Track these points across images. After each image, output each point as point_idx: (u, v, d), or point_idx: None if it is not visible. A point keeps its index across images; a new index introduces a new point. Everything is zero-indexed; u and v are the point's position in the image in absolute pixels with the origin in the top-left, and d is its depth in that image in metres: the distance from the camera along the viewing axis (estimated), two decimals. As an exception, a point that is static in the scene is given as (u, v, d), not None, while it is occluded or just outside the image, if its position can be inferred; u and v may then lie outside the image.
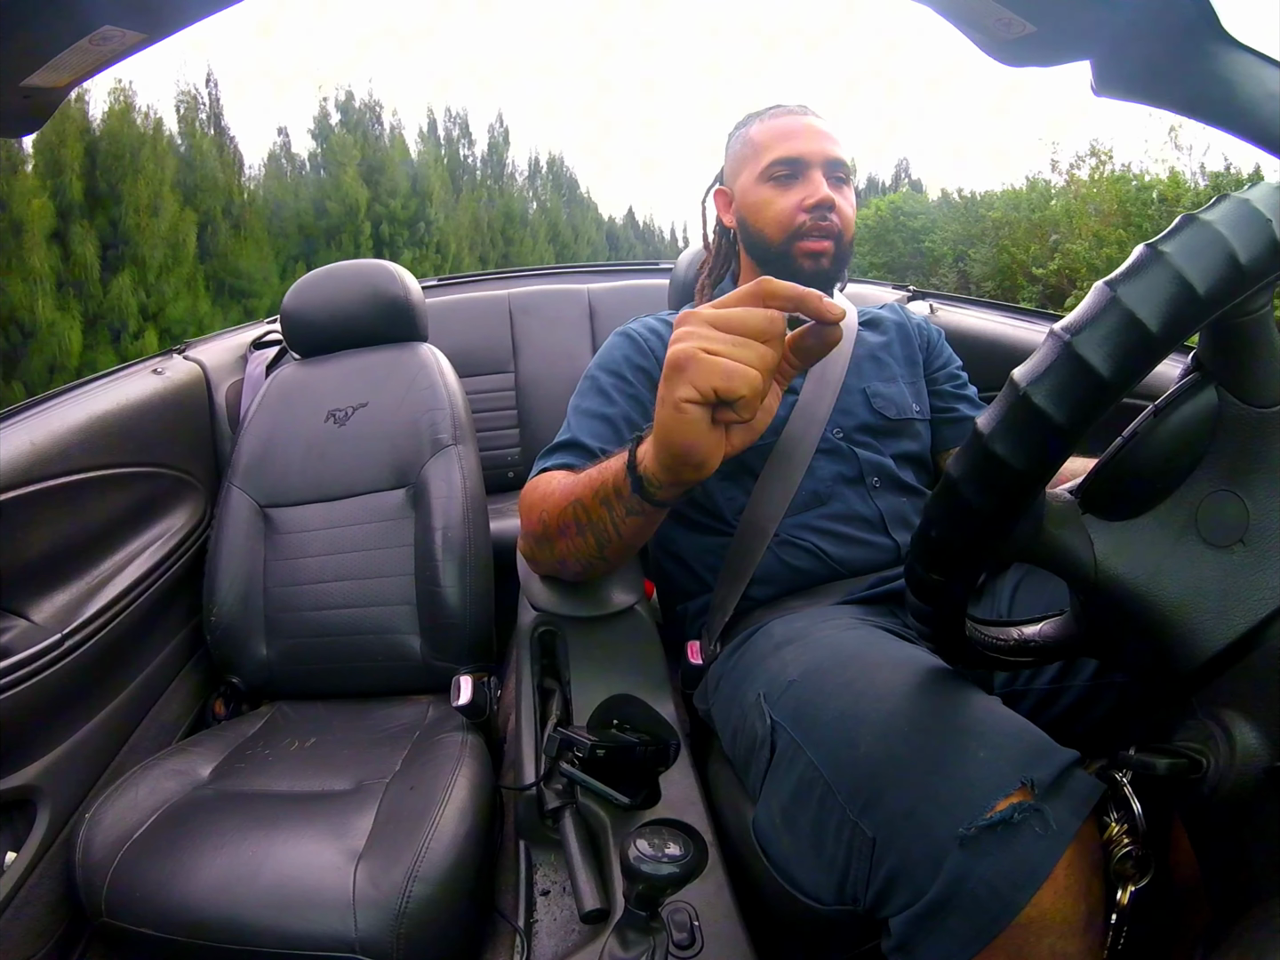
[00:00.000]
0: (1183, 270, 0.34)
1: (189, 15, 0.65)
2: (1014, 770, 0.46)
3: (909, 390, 0.94)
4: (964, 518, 0.39)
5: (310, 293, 1.34)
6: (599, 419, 0.84)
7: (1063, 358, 0.34)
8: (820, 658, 0.66)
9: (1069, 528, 0.42)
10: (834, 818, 0.53)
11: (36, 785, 0.88)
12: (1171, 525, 0.41)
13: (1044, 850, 0.44)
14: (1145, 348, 0.34)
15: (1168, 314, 0.34)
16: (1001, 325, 1.36)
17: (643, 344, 0.90)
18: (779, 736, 0.63)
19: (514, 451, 1.88)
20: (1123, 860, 0.46)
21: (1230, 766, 0.38)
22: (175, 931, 0.74)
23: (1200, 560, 0.41)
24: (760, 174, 0.89)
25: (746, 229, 0.93)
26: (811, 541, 0.84)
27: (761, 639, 0.77)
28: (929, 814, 0.47)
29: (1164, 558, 0.41)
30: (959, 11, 0.68)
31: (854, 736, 0.55)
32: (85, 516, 1.04)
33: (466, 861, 0.78)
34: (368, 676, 1.14)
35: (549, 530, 0.73)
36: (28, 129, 0.72)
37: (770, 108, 0.94)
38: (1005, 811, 0.44)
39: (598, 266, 2.24)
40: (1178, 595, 0.40)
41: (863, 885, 0.50)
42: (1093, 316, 0.34)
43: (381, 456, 1.21)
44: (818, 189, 0.86)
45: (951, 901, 0.44)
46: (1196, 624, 0.40)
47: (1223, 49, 0.59)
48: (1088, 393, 0.34)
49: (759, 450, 0.86)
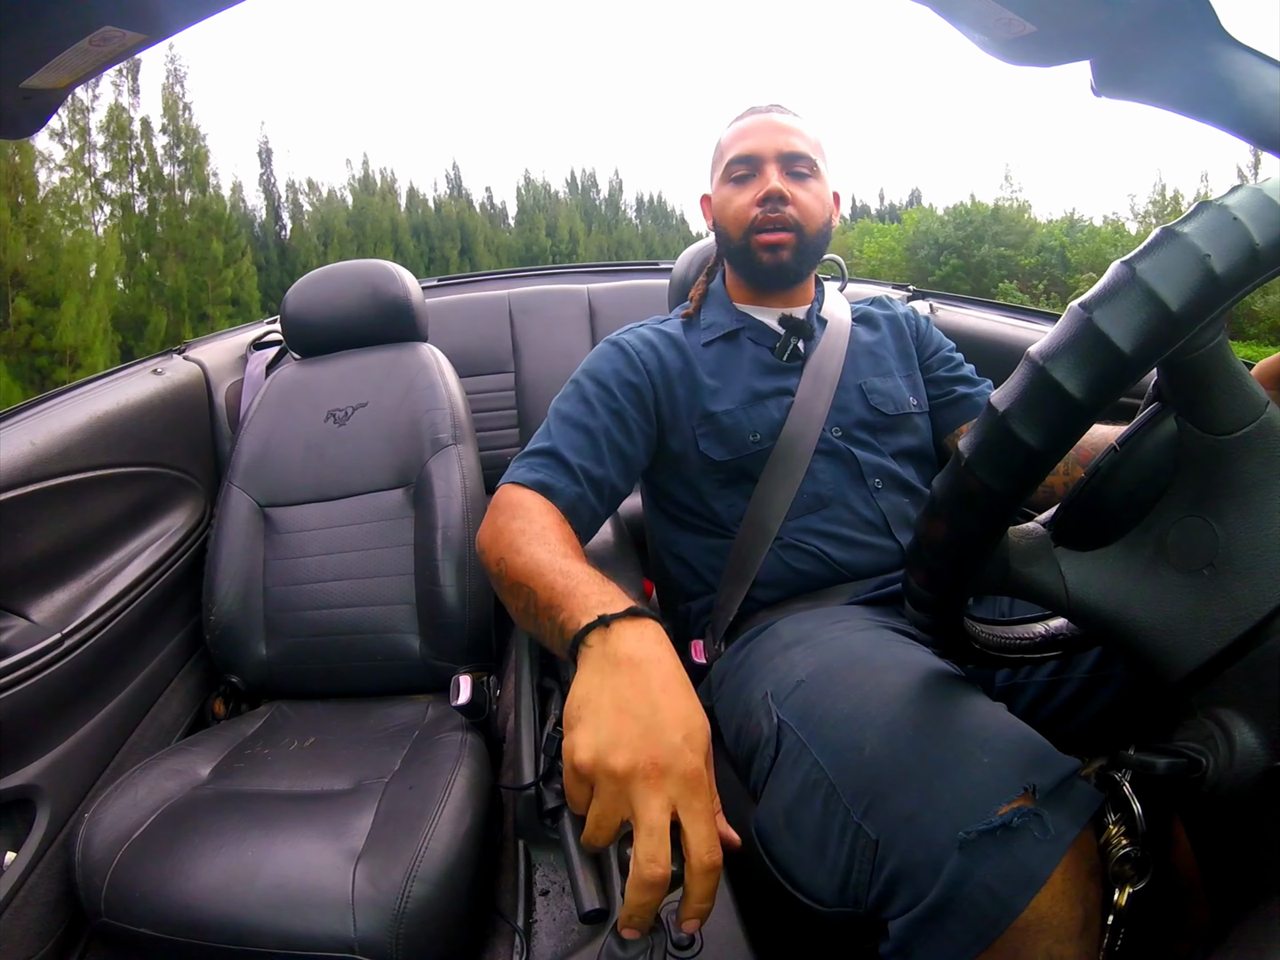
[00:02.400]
0: (1203, 250, 0.34)
1: (189, 15, 0.65)
2: (1016, 776, 0.47)
3: (905, 384, 0.94)
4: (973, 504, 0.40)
5: (310, 293, 1.34)
6: (579, 429, 0.82)
7: (1084, 331, 0.35)
8: (828, 659, 0.66)
9: (1040, 562, 0.44)
10: (838, 819, 0.53)
11: (36, 785, 0.88)
12: (1141, 553, 0.43)
13: (1043, 855, 0.44)
14: (1167, 322, 0.34)
15: (1188, 294, 0.34)
16: (1001, 325, 1.36)
17: (634, 358, 0.89)
18: (785, 736, 0.63)
19: (514, 451, 1.87)
20: (1121, 862, 0.46)
21: (1229, 766, 0.38)
22: (174, 931, 0.74)
23: (1170, 586, 0.41)
24: (722, 175, 0.92)
25: (717, 229, 0.95)
26: (814, 545, 0.84)
27: (769, 639, 0.77)
28: (931, 818, 0.47)
29: (1135, 585, 0.42)
30: (959, 11, 0.68)
31: (859, 739, 0.55)
32: (85, 516, 1.04)
33: (466, 861, 0.78)
34: (367, 676, 1.14)
35: (501, 578, 0.67)
36: (28, 130, 0.72)
37: (743, 112, 0.95)
38: (1005, 816, 0.45)
39: (598, 266, 2.24)
40: (1149, 620, 0.41)
41: (864, 887, 0.50)
42: (1112, 292, 0.35)
43: (381, 456, 1.21)
44: (767, 182, 0.87)
45: (951, 905, 0.45)
46: (1168, 646, 0.41)
47: (1223, 49, 0.59)
48: (1110, 367, 0.35)
49: (757, 455, 0.86)
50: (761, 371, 0.89)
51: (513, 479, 0.78)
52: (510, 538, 0.68)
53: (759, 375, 0.89)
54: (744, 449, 0.86)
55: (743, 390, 0.88)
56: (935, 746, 0.51)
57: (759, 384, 0.88)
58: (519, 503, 0.74)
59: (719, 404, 0.87)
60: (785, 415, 0.86)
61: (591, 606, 0.53)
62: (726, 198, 0.91)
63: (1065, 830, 0.45)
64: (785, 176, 0.88)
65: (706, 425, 0.87)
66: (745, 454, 0.86)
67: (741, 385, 0.88)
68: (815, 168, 0.90)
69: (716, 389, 0.88)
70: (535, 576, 0.61)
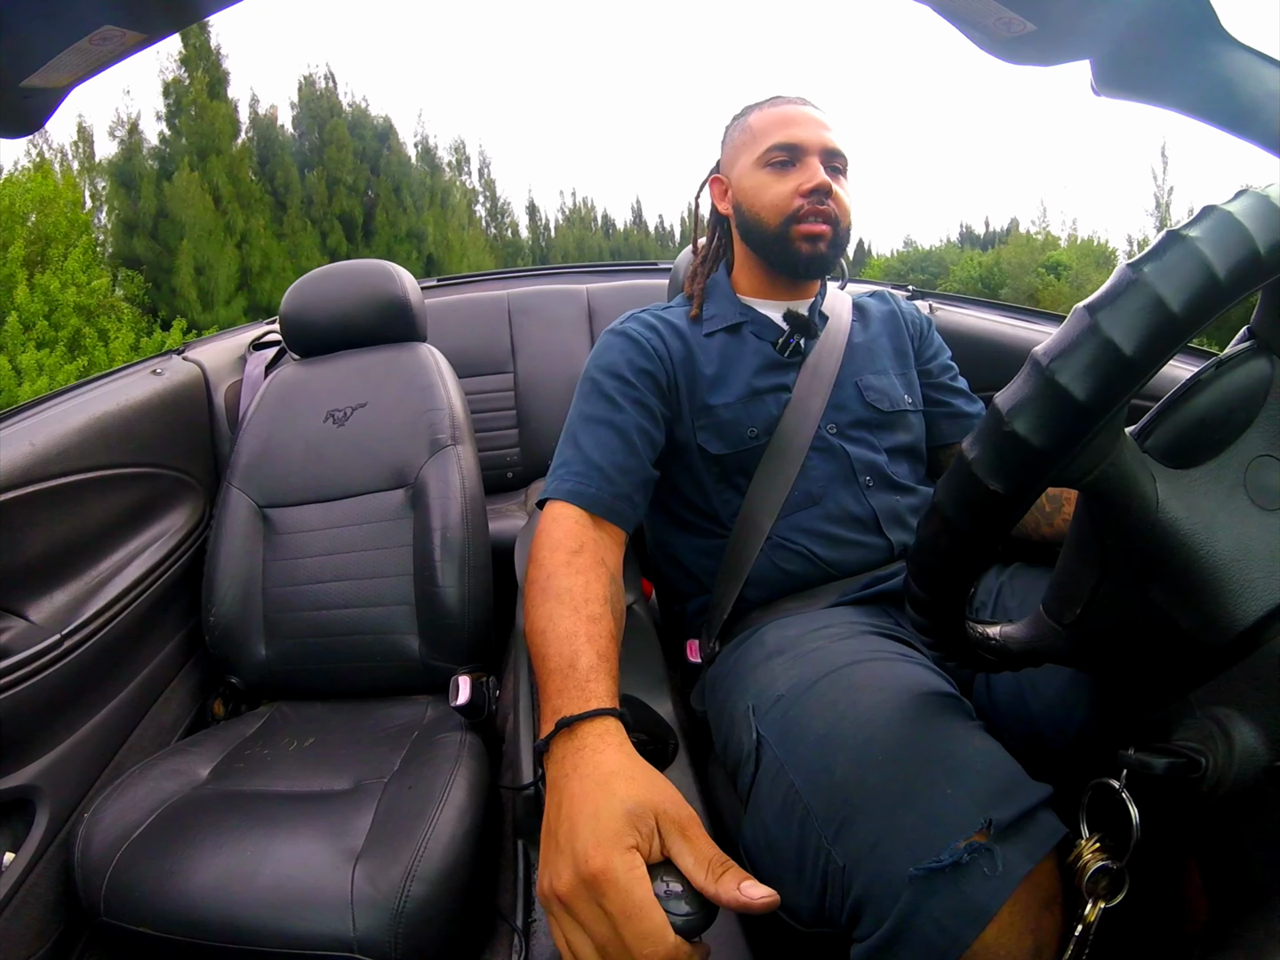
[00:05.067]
0: (1206, 255, 0.34)
1: (189, 15, 0.65)
2: (977, 810, 0.47)
3: (900, 381, 0.94)
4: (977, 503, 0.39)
5: (309, 293, 1.34)
6: (608, 427, 0.81)
7: (1087, 332, 0.35)
8: (808, 673, 0.66)
9: (1137, 462, 0.40)
10: (812, 841, 0.54)
11: (35, 785, 0.88)
12: (1223, 481, 0.41)
13: (990, 891, 0.45)
14: (1170, 324, 0.34)
15: (1189, 296, 0.34)
16: (1001, 325, 1.36)
17: (644, 344, 0.88)
18: (764, 752, 0.64)
19: (513, 452, 1.88)
20: (1096, 877, 0.45)
21: (1229, 766, 0.38)
22: (174, 931, 0.74)
23: (1250, 519, 0.40)
24: (758, 159, 0.89)
25: (742, 214, 0.92)
26: (803, 544, 0.84)
27: (755, 646, 0.77)
28: (891, 848, 0.48)
29: (1218, 510, 0.40)
30: (959, 10, 0.68)
31: (831, 761, 0.56)
32: (85, 517, 1.04)
33: (465, 861, 0.78)
34: (366, 676, 1.13)
35: (529, 619, 0.66)
36: (28, 129, 0.72)
37: (770, 98, 0.94)
38: (958, 853, 0.45)
39: (597, 266, 2.24)
40: (1230, 550, 0.39)
41: (838, 910, 0.51)
42: (1116, 294, 0.35)
43: (380, 457, 1.21)
44: (815, 174, 0.86)
45: (902, 936, 0.46)
46: (1247, 581, 0.39)
47: (1223, 49, 0.59)
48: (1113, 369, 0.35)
49: (752, 451, 0.86)
50: (761, 366, 0.89)
51: (548, 493, 0.78)
52: (540, 588, 0.66)
53: (759, 370, 0.89)
54: (741, 444, 0.86)
55: (742, 385, 0.87)
56: (902, 772, 0.52)
57: (758, 379, 0.88)
58: (548, 531, 0.72)
59: (718, 397, 0.87)
60: (782, 410, 0.86)
61: (547, 712, 0.54)
62: (763, 183, 0.88)
63: (1017, 866, 0.45)
64: (827, 171, 0.87)
65: (705, 418, 0.87)
66: (742, 449, 0.86)
67: (741, 379, 0.88)
68: (847, 167, 0.90)
69: (716, 382, 0.87)
70: (549, 635, 0.61)
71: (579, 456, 0.79)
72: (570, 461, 0.79)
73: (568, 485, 0.77)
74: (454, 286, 2.12)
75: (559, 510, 0.75)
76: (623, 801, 0.44)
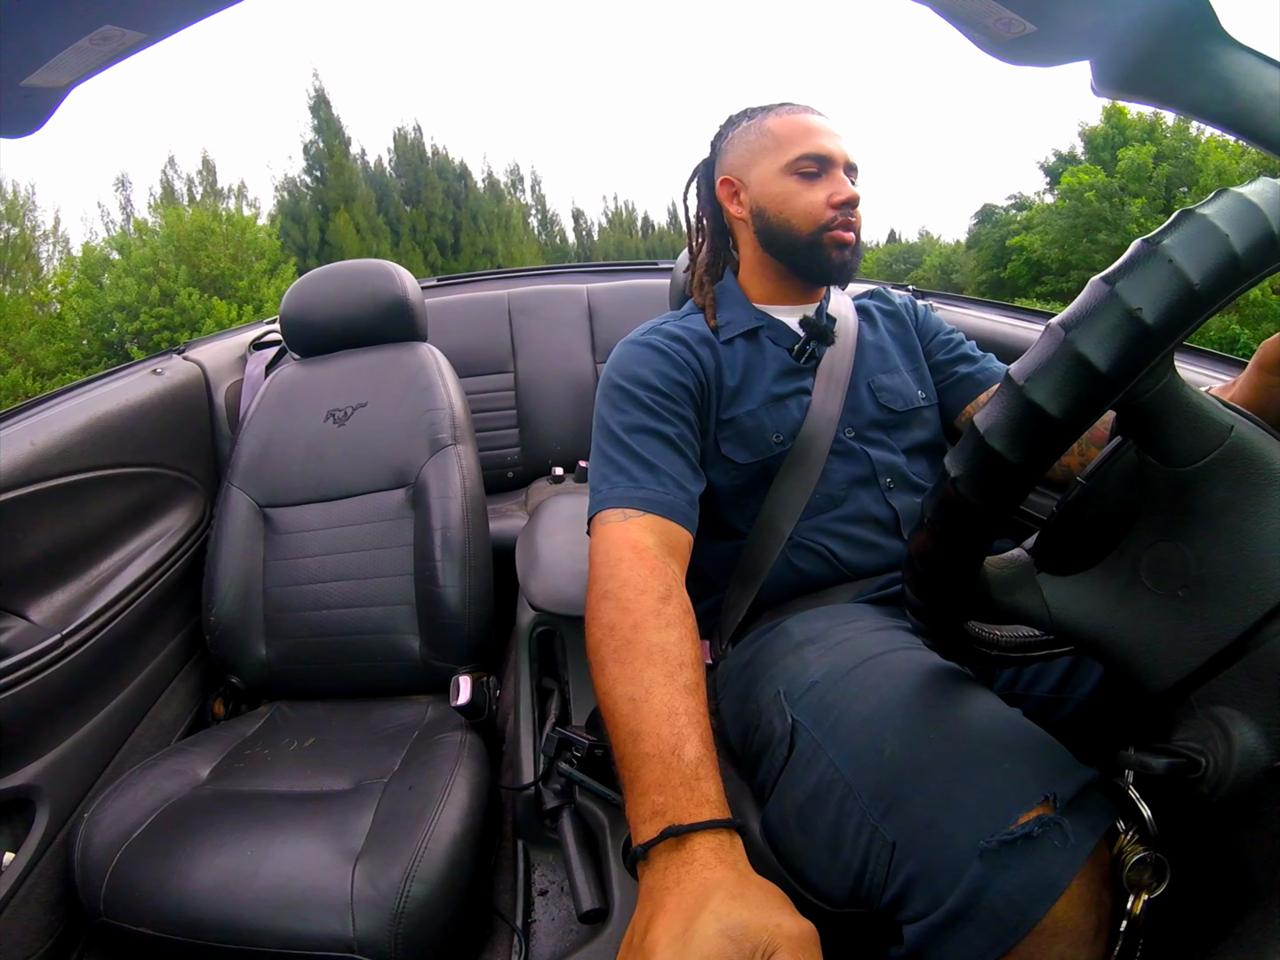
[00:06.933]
0: (1180, 264, 0.34)
1: (189, 15, 0.65)
2: (1038, 784, 0.47)
3: (912, 378, 0.94)
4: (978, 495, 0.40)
5: (309, 293, 1.34)
6: (656, 437, 0.77)
7: (1061, 353, 0.36)
8: (842, 660, 0.66)
9: (1023, 589, 0.45)
10: (853, 820, 0.53)
11: (36, 785, 0.88)
12: (1119, 577, 0.43)
13: (1062, 864, 0.44)
14: (1145, 336, 0.35)
15: (1165, 307, 0.34)
16: (1001, 324, 1.36)
17: (675, 356, 0.85)
18: (799, 736, 0.63)
19: (513, 451, 1.88)
20: (1137, 868, 0.45)
21: (1229, 766, 0.38)
22: (174, 931, 0.74)
23: (1147, 607, 0.42)
24: (785, 166, 0.88)
25: (766, 220, 0.91)
26: (822, 544, 0.83)
27: (779, 638, 0.77)
28: (951, 823, 0.48)
29: (1114, 607, 0.43)
30: (959, 11, 0.68)
31: (879, 741, 0.55)
32: (85, 516, 1.04)
33: (465, 861, 0.78)
34: (367, 676, 1.14)
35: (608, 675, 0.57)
36: (28, 129, 0.72)
37: (781, 103, 0.94)
38: (1027, 825, 0.45)
39: (597, 266, 2.24)
40: (1129, 640, 0.42)
41: (879, 889, 0.51)
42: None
43: (381, 456, 1.21)
44: (844, 186, 0.87)
45: (969, 912, 0.45)
46: (1148, 664, 0.42)
47: (1223, 49, 0.59)
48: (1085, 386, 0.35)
49: (776, 458, 0.85)
50: (780, 372, 0.89)
51: (615, 502, 0.72)
52: (614, 650, 0.58)
53: (778, 376, 0.88)
54: (767, 451, 0.85)
55: (764, 391, 0.87)
56: (956, 751, 0.51)
57: (778, 385, 0.88)
58: (628, 562, 0.65)
59: (741, 405, 0.86)
60: (804, 415, 0.86)
61: (644, 807, 0.48)
62: (794, 191, 0.88)
63: (1084, 839, 0.45)
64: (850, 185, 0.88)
65: (729, 428, 0.86)
66: (768, 456, 0.85)
67: (762, 386, 0.87)
68: (857, 178, 0.91)
69: (737, 389, 0.87)
70: (635, 713, 0.53)
71: (638, 464, 0.75)
72: (629, 469, 0.74)
73: (640, 494, 0.72)
74: (454, 286, 2.12)
75: (633, 530, 0.69)
76: (720, 920, 0.40)
